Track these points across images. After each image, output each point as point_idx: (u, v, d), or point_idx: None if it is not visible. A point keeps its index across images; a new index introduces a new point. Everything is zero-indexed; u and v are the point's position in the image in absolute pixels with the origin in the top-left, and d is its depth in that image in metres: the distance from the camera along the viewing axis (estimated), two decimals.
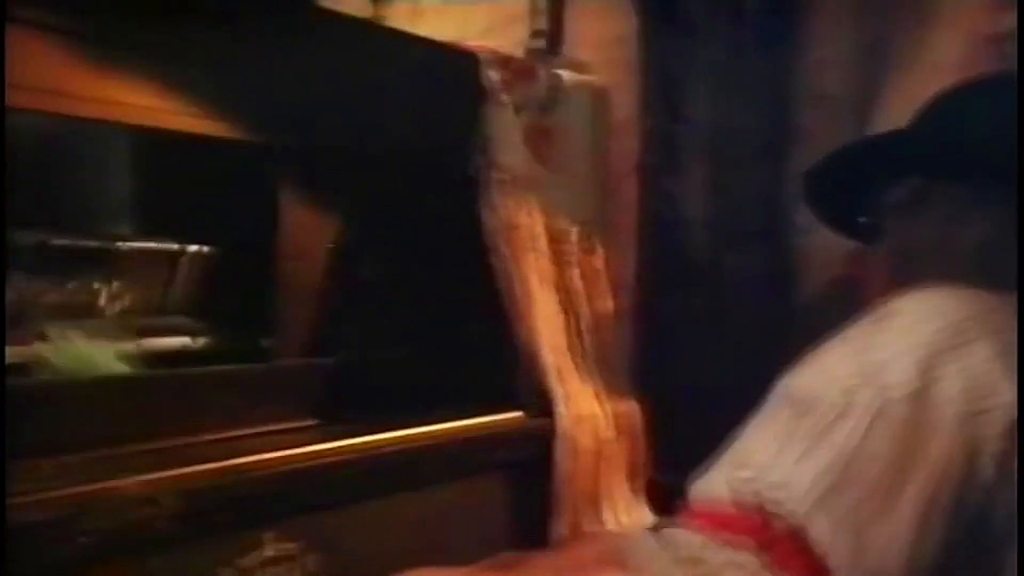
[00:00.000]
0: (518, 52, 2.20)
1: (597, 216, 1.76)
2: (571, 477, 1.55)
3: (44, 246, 1.47)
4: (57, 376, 1.36)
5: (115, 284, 1.52)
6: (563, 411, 1.56)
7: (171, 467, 1.09)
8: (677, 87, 2.21)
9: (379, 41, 1.53)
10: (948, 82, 2.32)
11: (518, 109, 1.60)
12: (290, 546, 1.18)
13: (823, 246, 2.21)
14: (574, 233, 1.70)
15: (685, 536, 0.77)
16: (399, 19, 2.22)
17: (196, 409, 1.27)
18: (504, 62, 1.59)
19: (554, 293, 1.64)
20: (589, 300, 1.71)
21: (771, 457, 0.76)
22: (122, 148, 1.78)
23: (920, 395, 0.74)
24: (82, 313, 1.46)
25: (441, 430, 1.40)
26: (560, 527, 1.54)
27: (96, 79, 1.20)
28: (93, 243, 1.59)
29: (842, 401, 0.75)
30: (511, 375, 1.56)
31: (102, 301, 1.51)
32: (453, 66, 1.53)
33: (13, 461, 0.96)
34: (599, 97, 1.79)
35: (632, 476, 1.71)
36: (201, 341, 1.67)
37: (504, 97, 1.58)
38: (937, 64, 2.36)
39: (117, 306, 1.52)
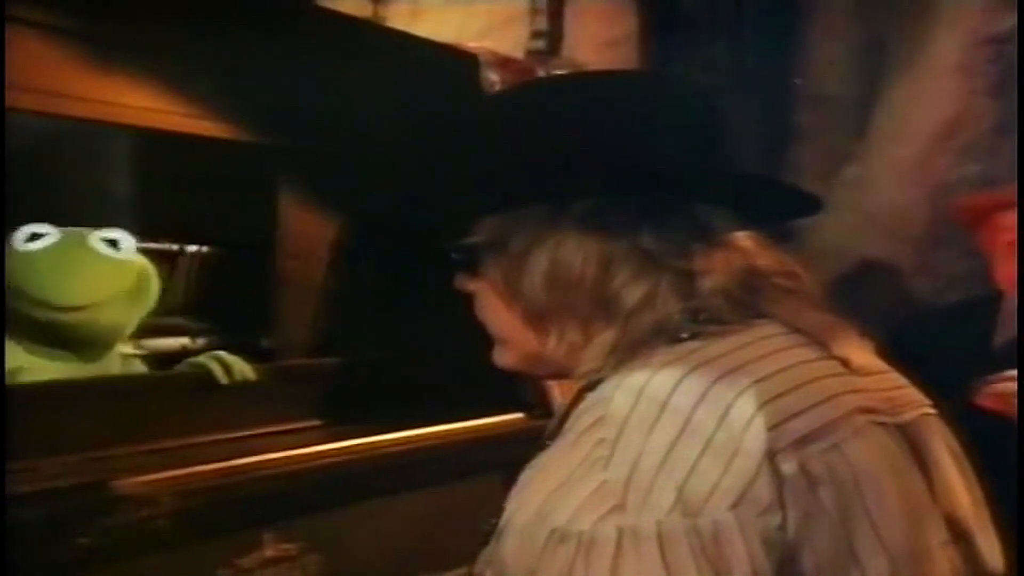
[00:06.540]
0: (517, 53, 2.21)
1: None
2: None
3: None
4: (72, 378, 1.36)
5: None
6: None
7: (171, 467, 1.09)
8: None
9: (379, 41, 1.53)
10: (947, 82, 2.34)
11: None
12: (289, 546, 1.18)
13: (821, 248, 2.22)
14: None
15: None
16: (399, 19, 2.22)
17: (196, 409, 1.27)
18: (503, 63, 1.58)
19: None
20: None
21: None
22: (122, 148, 1.79)
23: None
24: None
25: (441, 430, 1.40)
26: None
27: (96, 79, 1.20)
28: None
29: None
30: (512, 376, 1.56)
31: None
32: (453, 67, 1.53)
33: (13, 461, 0.96)
34: None
35: None
36: (201, 341, 1.67)
37: None
38: (936, 64, 2.37)
39: None
